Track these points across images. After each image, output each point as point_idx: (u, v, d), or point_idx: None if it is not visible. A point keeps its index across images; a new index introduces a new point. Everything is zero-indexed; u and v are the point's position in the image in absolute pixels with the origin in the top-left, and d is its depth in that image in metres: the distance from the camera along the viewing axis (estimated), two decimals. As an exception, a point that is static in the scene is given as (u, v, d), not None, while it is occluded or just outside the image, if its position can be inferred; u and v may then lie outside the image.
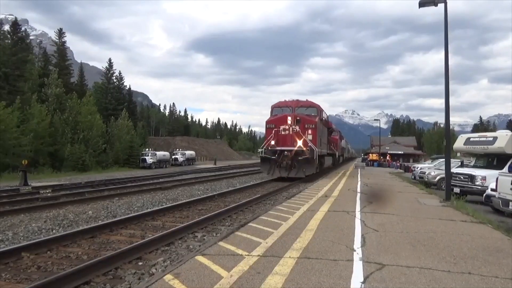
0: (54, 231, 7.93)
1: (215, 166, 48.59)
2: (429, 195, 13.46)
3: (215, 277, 4.07)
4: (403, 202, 11.00)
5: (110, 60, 53.75)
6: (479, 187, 12.46)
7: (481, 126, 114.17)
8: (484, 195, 11.22)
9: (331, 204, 9.96)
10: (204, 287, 3.83)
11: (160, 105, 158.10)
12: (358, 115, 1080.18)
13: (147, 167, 43.31)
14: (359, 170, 31.36)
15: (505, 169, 11.72)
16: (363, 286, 3.87)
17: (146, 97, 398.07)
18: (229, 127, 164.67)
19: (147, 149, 49.27)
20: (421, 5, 12.30)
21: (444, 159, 14.96)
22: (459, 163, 17.21)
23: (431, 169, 20.66)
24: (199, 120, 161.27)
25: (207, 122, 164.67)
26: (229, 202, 12.03)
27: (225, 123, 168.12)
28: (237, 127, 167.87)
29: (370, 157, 56.23)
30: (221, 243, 5.59)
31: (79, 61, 65.53)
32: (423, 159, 58.41)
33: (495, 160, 14.13)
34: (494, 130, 74.25)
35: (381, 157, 55.38)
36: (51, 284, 4.29)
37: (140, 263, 5.53)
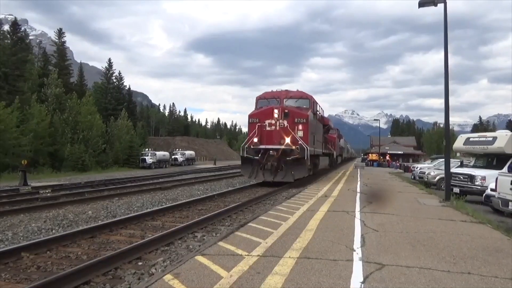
0: (53, 231, 7.92)
1: (215, 166, 48.61)
2: (429, 195, 13.47)
3: (215, 277, 4.08)
4: (402, 202, 11.01)
5: (109, 60, 53.97)
6: (479, 187, 12.47)
7: (481, 126, 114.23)
8: (483, 195, 11.22)
9: (331, 204, 9.96)
10: (204, 287, 3.83)
11: (160, 105, 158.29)
12: (358, 115, 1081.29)
13: (147, 167, 43.30)
14: (359, 170, 31.40)
15: (505, 169, 11.75)
16: (362, 286, 3.87)
17: (146, 97, 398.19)
18: (229, 127, 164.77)
19: (147, 149, 49.25)
20: (421, 5, 12.32)
21: (443, 159, 14.98)
22: (459, 163, 17.23)
23: (431, 169, 20.68)
24: (199, 120, 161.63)
25: (207, 122, 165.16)
26: (229, 202, 12.03)
27: (225, 123, 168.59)
28: (237, 127, 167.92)
29: (369, 157, 56.35)
30: (221, 243, 5.59)
31: (79, 61, 65.53)
32: (422, 159, 58.42)
33: (494, 160, 14.14)
34: (493, 130, 74.30)
35: (380, 157, 55.42)
36: (51, 284, 4.28)
37: (139, 263, 5.53)
